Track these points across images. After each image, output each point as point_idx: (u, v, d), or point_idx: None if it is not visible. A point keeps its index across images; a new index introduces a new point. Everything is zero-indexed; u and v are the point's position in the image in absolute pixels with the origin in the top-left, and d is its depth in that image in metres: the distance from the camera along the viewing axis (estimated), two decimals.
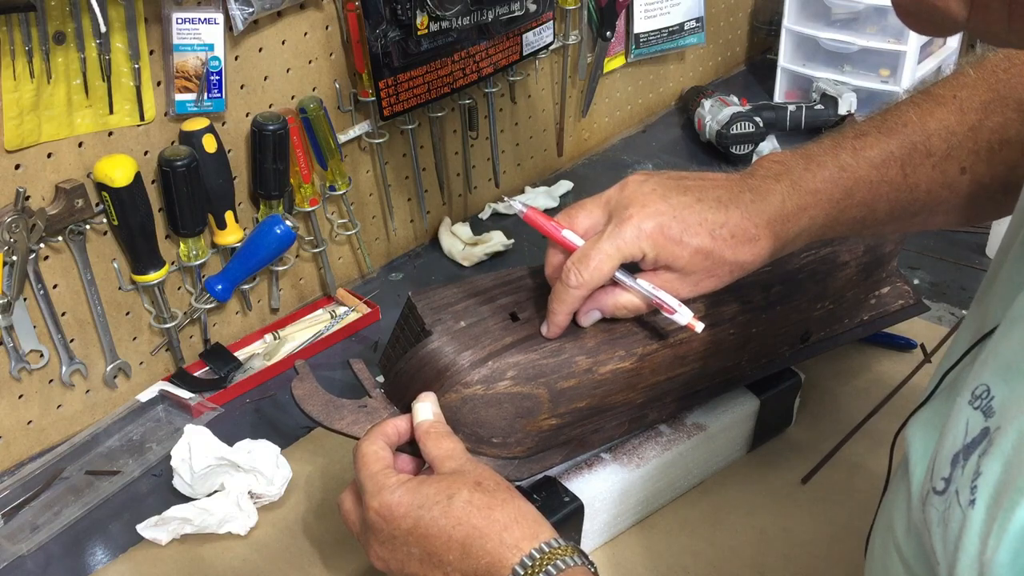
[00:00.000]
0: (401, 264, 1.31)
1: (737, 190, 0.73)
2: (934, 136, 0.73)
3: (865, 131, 0.75)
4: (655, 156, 1.57)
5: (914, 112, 0.74)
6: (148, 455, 0.98)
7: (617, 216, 0.73)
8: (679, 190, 0.73)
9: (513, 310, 0.80)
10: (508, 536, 0.64)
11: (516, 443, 0.79)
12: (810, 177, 0.73)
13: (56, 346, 0.97)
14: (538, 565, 0.62)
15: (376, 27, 1.09)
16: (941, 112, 0.74)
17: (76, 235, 0.95)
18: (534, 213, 0.78)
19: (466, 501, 0.66)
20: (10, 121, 0.86)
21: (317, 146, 1.11)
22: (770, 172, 0.74)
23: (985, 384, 0.46)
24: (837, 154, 0.74)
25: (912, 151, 0.73)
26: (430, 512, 0.66)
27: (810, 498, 0.90)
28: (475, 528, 0.65)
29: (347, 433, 0.78)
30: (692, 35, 1.62)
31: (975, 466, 0.44)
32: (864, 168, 0.73)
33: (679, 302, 0.75)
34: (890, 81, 1.59)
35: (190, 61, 0.97)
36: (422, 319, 0.79)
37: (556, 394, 0.78)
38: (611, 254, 0.72)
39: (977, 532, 0.43)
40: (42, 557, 0.88)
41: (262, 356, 1.11)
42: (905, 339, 1.07)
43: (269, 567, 0.85)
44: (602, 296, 0.76)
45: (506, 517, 0.65)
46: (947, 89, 0.75)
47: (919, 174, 0.73)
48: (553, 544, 0.64)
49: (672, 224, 0.71)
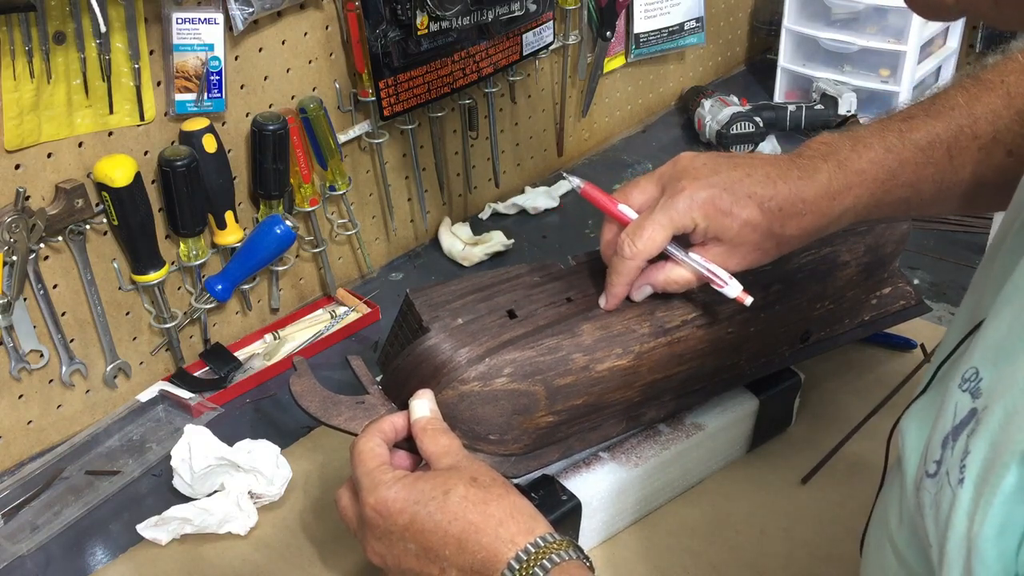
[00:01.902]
0: (401, 264, 1.31)
1: (785, 168, 0.75)
2: (981, 120, 0.74)
3: (912, 114, 0.76)
4: (655, 156, 1.57)
5: (962, 96, 0.75)
6: (148, 455, 0.98)
7: (670, 188, 0.76)
8: (730, 165, 0.75)
9: (511, 307, 0.81)
10: (503, 531, 0.64)
11: (513, 440, 0.79)
12: (856, 158, 0.75)
13: (56, 346, 0.97)
14: (533, 559, 0.62)
15: (376, 27, 1.09)
16: (989, 97, 0.75)
17: (76, 235, 0.95)
18: (591, 188, 0.80)
19: (462, 497, 0.66)
20: (10, 121, 0.86)
21: (317, 146, 1.11)
22: (817, 152, 0.76)
23: (974, 367, 0.46)
24: (884, 136, 0.75)
25: (958, 134, 0.74)
26: (426, 508, 0.66)
27: (810, 498, 0.90)
28: (471, 523, 0.65)
29: (345, 429, 0.78)
30: (692, 35, 1.62)
31: (964, 446, 0.44)
32: (910, 150, 0.75)
33: (729, 275, 0.76)
34: (890, 81, 1.59)
35: (190, 61, 0.97)
36: (420, 316, 0.79)
37: (553, 391, 0.78)
38: (664, 224, 0.74)
39: (965, 510, 0.43)
40: (42, 557, 0.88)
41: (262, 356, 1.11)
42: (905, 339, 1.07)
43: (269, 567, 0.85)
44: (653, 271, 0.78)
45: (501, 512, 0.65)
46: (996, 74, 0.76)
47: (965, 156, 0.74)
48: (548, 539, 0.64)
49: (723, 196, 0.73)
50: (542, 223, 1.39)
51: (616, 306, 0.81)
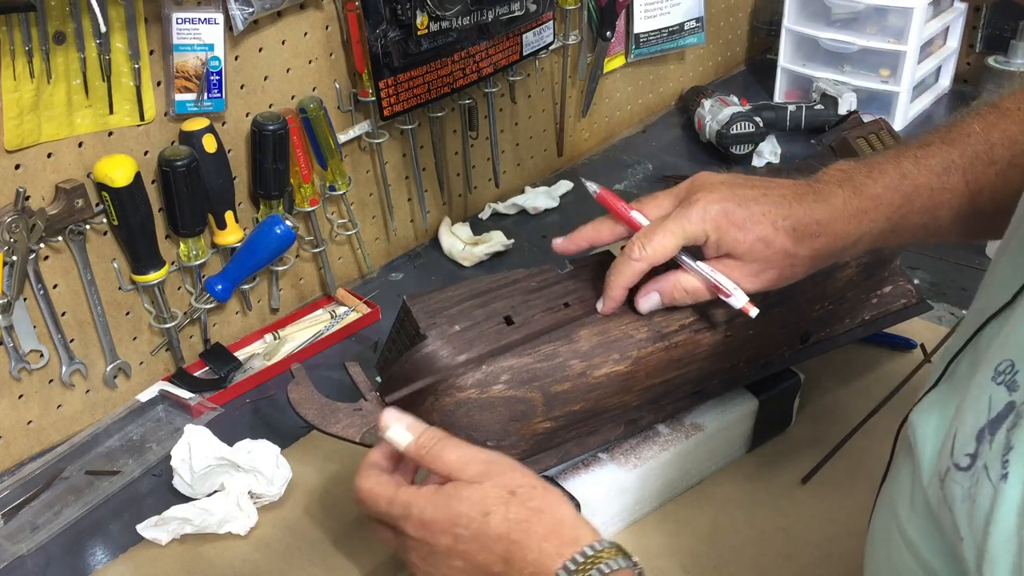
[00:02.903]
0: (401, 264, 1.31)
1: (801, 191, 0.76)
2: (997, 146, 0.75)
3: (928, 141, 0.78)
4: (655, 156, 1.57)
5: (978, 123, 0.77)
6: (148, 455, 0.98)
7: (685, 200, 0.76)
8: (746, 185, 0.76)
9: (508, 314, 0.80)
10: (548, 546, 0.63)
11: (511, 446, 0.79)
12: (871, 183, 0.76)
13: (56, 346, 0.97)
14: (581, 569, 0.62)
15: (376, 27, 1.09)
16: (1005, 123, 0.76)
17: (76, 235, 0.95)
18: (606, 193, 0.81)
19: (503, 518, 0.64)
20: (10, 121, 0.86)
21: (317, 146, 1.11)
22: (833, 179, 0.77)
23: (1009, 359, 0.47)
24: (899, 163, 0.77)
25: (975, 160, 0.75)
26: (467, 530, 0.64)
27: (810, 498, 0.90)
28: (514, 543, 0.64)
29: (342, 436, 0.79)
30: (692, 35, 1.62)
31: (1004, 440, 0.44)
32: (925, 176, 0.76)
33: (735, 285, 0.76)
34: (890, 81, 1.59)
35: (190, 61, 0.97)
36: (417, 323, 0.79)
37: (550, 398, 0.78)
38: (675, 232, 0.75)
39: (1014, 507, 0.43)
40: (42, 557, 0.88)
41: (262, 356, 1.11)
42: (905, 339, 1.07)
43: (269, 567, 0.85)
44: (663, 279, 0.78)
45: (544, 529, 0.64)
46: (1013, 102, 0.77)
47: (982, 182, 0.75)
48: (596, 547, 0.63)
49: (736, 210, 0.74)
50: (542, 223, 1.39)
51: (614, 310, 0.80)
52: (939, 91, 1.74)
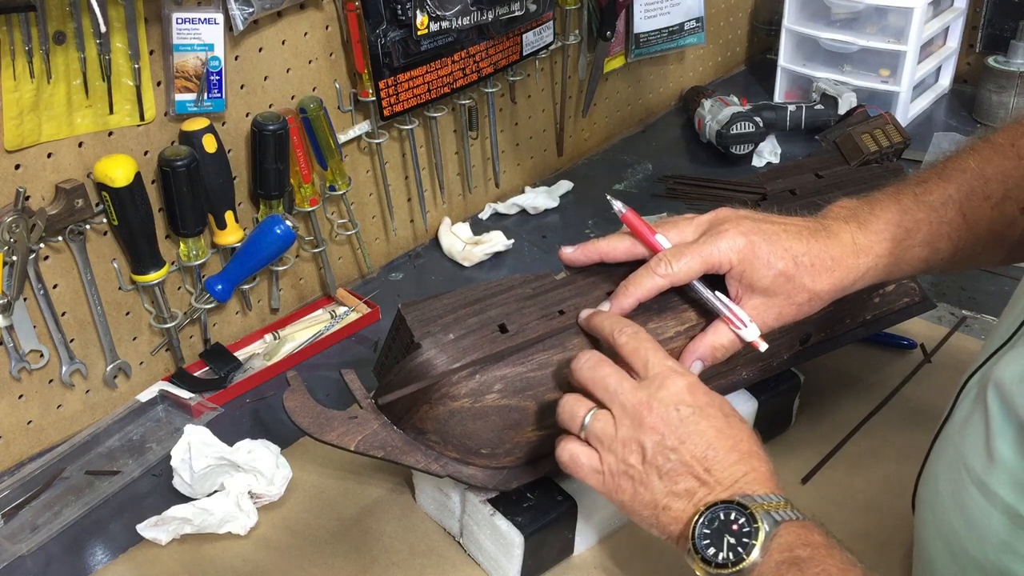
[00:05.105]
0: (401, 264, 1.31)
1: (815, 228, 0.79)
2: (992, 180, 0.80)
3: (926, 178, 0.82)
4: (655, 156, 1.57)
5: (973, 160, 0.81)
6: (148, 455, 0.98)
7: (713, 229, 0.79)
8: (767, 221, 0.79)
9: (502, 322, 0.80)
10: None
11: (504, 454, 0.79)
12: (874, 219, 0.80)
13: (56, 346, 0.97)
14: (778, 506, 0.68)
15: (376, 27, 1.09)
16: (999, 159, 0.80)
17: (76, 235, 0.95)
18: (632, 214, 0.82)
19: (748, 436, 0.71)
20: (10, 121, 0.86)
21: (317, 146, 1.11)
22: (839, 216, 0.81)
23: None
24: (899, 199, 0.81)
25: (971, 194, 0.80)
26: (722, 415, 0.71)
27: (810, 498, 0.90)
28: (753, 451, 0.70)
29: (338, 445, 0.78)
30: (692, 35, 1.62)
31: None
32: (924, 210, 0.80)
33: (749, 318, 0.78)
34: (890, 81, 1.59)
35: (190, 61, 0.97)
36: (411, 331, 0.79)
37: (544, 406, 0.78)
38: (703, 256, 0.77)
39: None
40: (42, 557, 0.88)
41: (262, 356, 1.11)
42: (905, 339, 1.07)
43: (269, 567, 0.85)
44: (698, 344, 0.80)
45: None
46: (1006, 137, 0.82)
47: (978, 215, 0.80)
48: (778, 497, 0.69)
49: (762, 244, 0.77)
50: (542, 223, 1.39)
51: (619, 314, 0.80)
52: (939, 91, 1.74)
